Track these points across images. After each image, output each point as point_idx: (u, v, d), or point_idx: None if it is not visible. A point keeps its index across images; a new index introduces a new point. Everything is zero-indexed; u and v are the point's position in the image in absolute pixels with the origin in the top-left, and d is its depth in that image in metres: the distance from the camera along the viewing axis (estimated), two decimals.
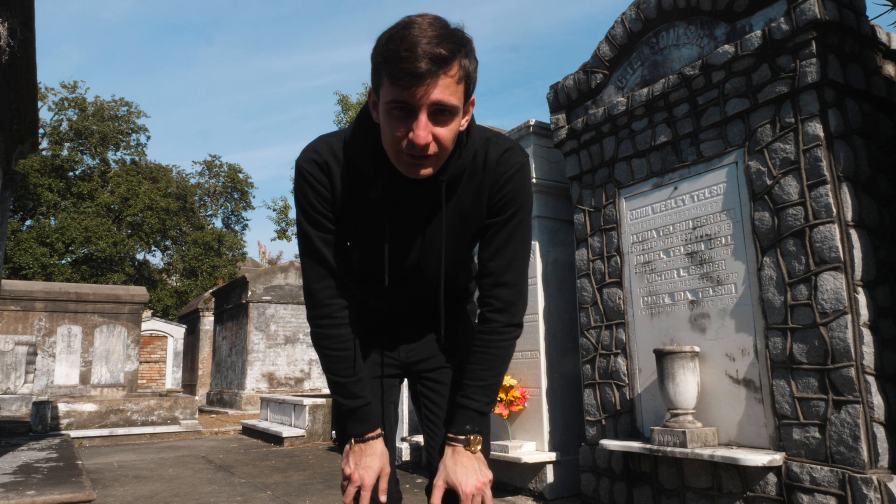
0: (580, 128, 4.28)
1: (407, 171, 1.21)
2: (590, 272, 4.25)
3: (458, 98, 1.16)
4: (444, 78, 1.12)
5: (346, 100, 21.94)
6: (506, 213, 1.34)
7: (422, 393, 1.55)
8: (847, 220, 2.98)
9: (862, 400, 2.81)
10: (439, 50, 1.10)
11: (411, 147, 1.16)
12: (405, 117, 1.15)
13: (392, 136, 1.17)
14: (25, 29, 4.43)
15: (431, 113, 1.14)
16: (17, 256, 20.97)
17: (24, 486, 4.21)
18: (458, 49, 1.14)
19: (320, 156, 1.31)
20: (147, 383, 18.45)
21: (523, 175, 1.35)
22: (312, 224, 1.34)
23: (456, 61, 1.13)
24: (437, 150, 1.18)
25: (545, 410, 4.37)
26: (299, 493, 4.69)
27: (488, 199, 1.34)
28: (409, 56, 1.09)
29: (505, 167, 1.32)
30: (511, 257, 1.37)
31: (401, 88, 1.11)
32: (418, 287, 1.44)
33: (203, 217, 28.70)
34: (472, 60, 1.18)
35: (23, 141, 6.22)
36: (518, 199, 1.34)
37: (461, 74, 1.15)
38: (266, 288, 13.87)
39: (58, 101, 25.07)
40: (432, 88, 1.11)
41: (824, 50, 3.06)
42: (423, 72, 1.09)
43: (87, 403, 8.58)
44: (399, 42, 1.11)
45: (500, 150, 1.33)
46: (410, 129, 1.15)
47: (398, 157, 1.20)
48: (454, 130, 1.19)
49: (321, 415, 7.92)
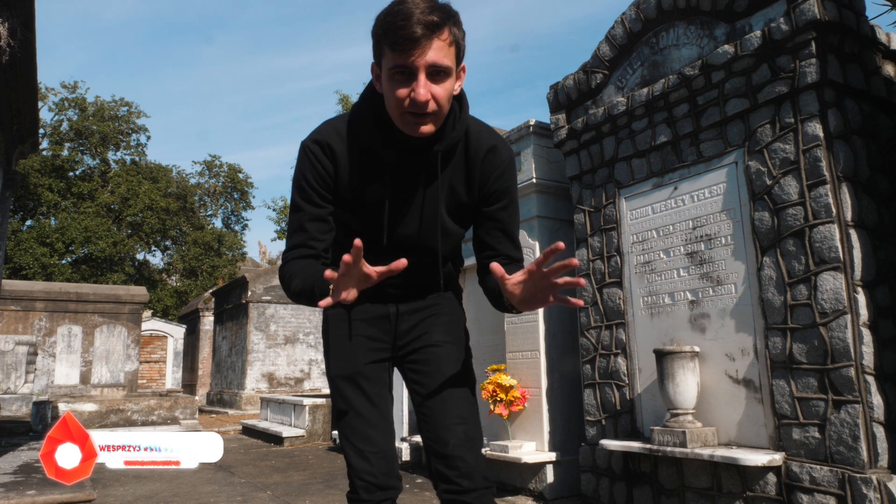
0: (580, 128, 4.29)
1: (410, 130, 1.36)
2: (590, 272, 4.26)
3: (450, 60, 1.33)
4: (437, 41, 1.29)
5: (347, 100, 21.94)
6: (503, 201, 1.55)
7: (412, 379, 1.59)
8: (847, 220, 2.98)
9: (861, 400, 2.81)
10: (431, 17, 1.27)
11: (413, 105, 1.31)
12: (406, 80, 1.31)
13: (395, 98, 1.33)
14: (25, 29, 4.44)
15: (429, 74, 1.30)
16: (18, 256, 20.97)
17: (24, 486, 4.21)
18: (448, 17, 1.32)
19: (323, 137, 1.46)
20: (147, 383, 18.46)
21: (513, 168, 1.57)
22: (304, 197, 1.47)
23: (446, 27, 1.31)
24: (435, 108, 1.34)
25: (545, 410, 4.38)
26: (299, 493, 4.69)
27: (480, 186, 1.52)
28: (405, 24, 1.26)
29: (499, 159, 1.51)
30: (513, 237, 1.59)
31: (400, 53, 1.28)
32: (414, 254, 1.50)
33: (203, 217, 28.71)
34: (461, 30, 1.36)
35: (23, 141, 6.23)
36: (510, 190, 1.56)
37: (452, 39, 1.32)
38: (266, 288, 13.88)
39: (58, 102, 25.08)
40: (428, 50, 1.28)
41: (824, 50, 3.07)
42: (419, 36, 1.26)
43: (88, 403, 8.58)
44: (396, 15, 1.28)
45: (492, 143, 1.51)
46: (412, 90, 1.30)
47: (402, 118, 1.35)
48: (449, 90, 1.35)
49: (321, 415, 7.92)
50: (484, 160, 1.49)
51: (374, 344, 1.58)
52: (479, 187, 1.51)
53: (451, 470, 1.44)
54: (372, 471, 1.47)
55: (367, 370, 1.55)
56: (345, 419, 1.54)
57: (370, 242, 1.48)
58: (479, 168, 1.49)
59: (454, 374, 1.56)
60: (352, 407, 1.53)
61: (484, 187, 1.51)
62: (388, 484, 1.48)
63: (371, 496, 1.47)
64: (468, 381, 1.59)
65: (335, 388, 1.58)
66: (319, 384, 13.90)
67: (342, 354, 1.58)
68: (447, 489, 1.45)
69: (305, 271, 1.42)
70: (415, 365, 1.59)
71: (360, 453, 1.49)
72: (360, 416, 1.52)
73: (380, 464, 1.48)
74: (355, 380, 1.55)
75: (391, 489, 1.49)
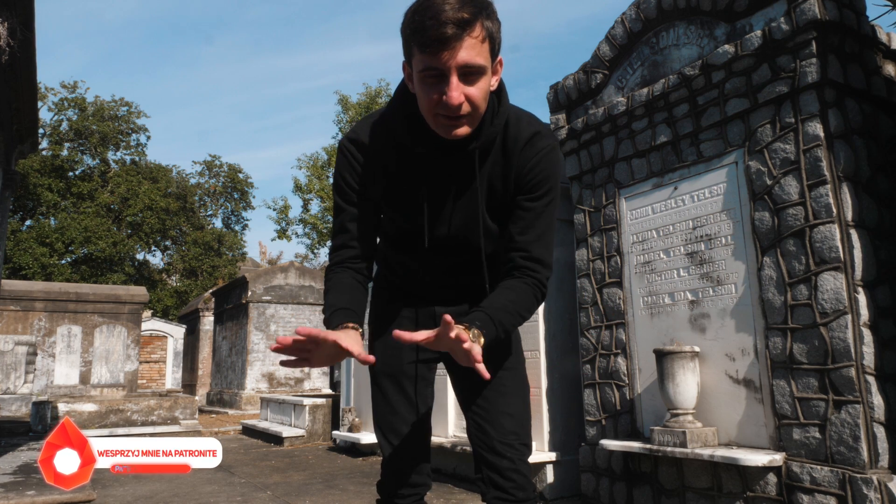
0: (580, 128, 4.28)
1: (445, 133, 1.29)
2: (590, 272, 4.25)
3: (484, 58, 1.23)
4: (468, 39, 1.19)
5: (347, 100, 21.91)
6: (537, 192, 1.41)
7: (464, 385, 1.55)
8: (847, 220, 2.98)
9: (862, 400, 2.81)
10: (462, 14, 1.17)
11: (446, 108, 1.24)
12: (438, 82, 1.23)
13: (428, 100, 1.25)
14: (25, 29, 4.43)
15: (461, 74, 1.22)
16: (17, 256, 20.97)
17: (24, 486, 4.21)
18: (480, 11, 1.21)
19: (359, 135, 1.42)
20: (147, 383, 18.45)
21: (553, 157, 1.42)
22: (343, 197, 1.45)
23: (478, 22, 1.20)
24: (469, 110, 1.25)
25: (545, 410, 4.37)
26: (299, 493, 4.69)
27: (517, 177, 1.40)
28: (434, 24, 1.17)
29: (535, 149, 1.39)
30: (541, 233, 1.43)
31: (430, 55, 1.20)
32: (456, 253, 1.49)
33: (203, 217, 28.70)
34: (495, 21, 1.26)
35: (23, 141, 6.22)
36: (548, 180, 1.41)
37: (485, 34, 1.22)
38: (266, 288, 13.87)
39: (58, 102, 25.07)
40: (459, 51, 1.19)
41: (824, 50, 3.06)
42: (449, 36, 1.17)
43: (87, 403, 8.57)
44: (424, 12, 1.19)
45: (531, 132, 1.40)
46: (444, 93, 1.22)
47: (436, 121, 1.28)
48: (484, 90, 1.27)
49: (321, 415, 7.92)
50: (523, 149, 1.39)
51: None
52: (515, 177, 1.40)
53: (506, 481, 1.45)
54: (402, 467, 1.50)
55: (408, 369, 1.56)
56: (382, 414, 1.57)
57: (411, 242, 1.48)
58: (517, 158, 1.39)
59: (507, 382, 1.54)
60: (389, 403, 1.55)
61: (521, 177, 1.40)
62: (418, 481, 1.52)
63: (401, 490, 1.50)
64: (522, 390, 1.57)
65: (376, 383, 1.59)
66: (319, 384, 13.89)
67: (385, 350, 1.58)
68: (499, 497, 1.45)
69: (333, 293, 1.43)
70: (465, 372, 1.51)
71: (394, 448, 1.53)
72: (396, 413, 1.54)
73: (412, 460, 1.51)
74: (397, 378, 1.56)
75: (421, 486, 1.53)
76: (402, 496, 1.50)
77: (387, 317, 1.61)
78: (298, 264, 15.51)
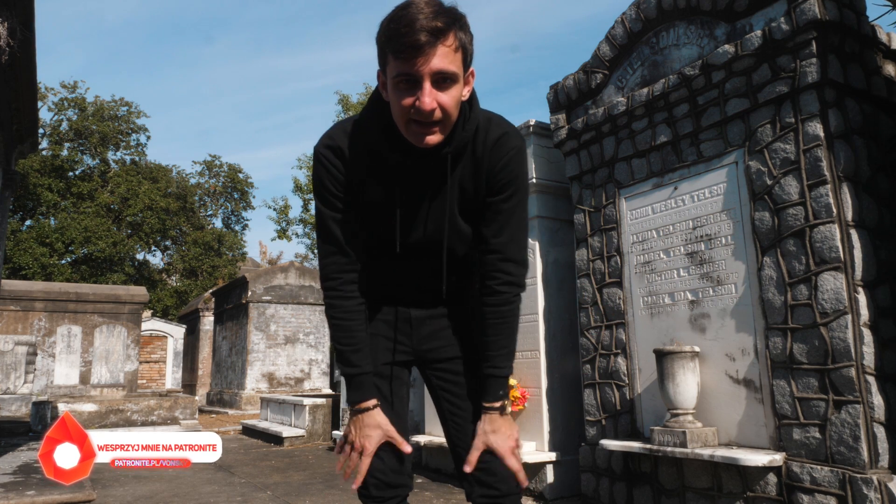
0: (580, 128, 4.28)
1: (416, 140, 1.32)
2: (590, 272, 4.25)
3: (457, 66, 1.27)
4: (442, 47, 1.23)
5: (347, 99, 21.91)
6: (505, 193, 1.45)
7: (439, 386, 1.61)
8: (847, 220, 2.98)
9: (862, 400, 2.81)
10: (436, 23, 1.21)
11: (419, 114, 1.27)
12: (411, 88, 1.26)
13: (401, 107, 1.28)
14: (25, 29, 4.43)
15: (434, 81, 1.25)
16: (17, 256, 20.96)
17: (24, 486, 4.21)
18: (453, 21, 1.25)
19: (334, 140, 1.43)
20: (147, 383, 18.44)
21: (520, 158, 1.46)
22: (326, 204, 1.46)
23: (452, 32, 1.25)
24: (441, 116, 1.29)
25: (545, 410, 4.37)
26: (299, 493, 4.68)
27: (487, 179, 1.44)
28: (408, 31, 1.21)
29: (503, 150, 1.43)
30: (513, 233, 1.48)
31: (404, 61, 1.24)
32: (429, 257, 1.51)
33: (203, 217, 28.69)
34: (468, 33, 1.30)
35: (23, 141, 6.22)
36: (516, 180, 1.45)
37: (458, 44, 1.27)
38: (266, 288, 13.87)
39: (57, 101, 25.05)
40: (432, 58, 1.23)
41: (824, 50, 3.06)
42: (423, 43, 1.21)
43: (87, 403, 8.57)
44: (399, 21, 1.23)
45: (499, 133, 1.43)
46: (417, 98, 1.26)
47: (408, 128, 1.31)
48: (456, 98, 1.30)
49: (321, 415, 7.92)
50: (492, 150, 1.42)
51: (393, 346, 1.60)
52: (486, 179, 1.44)
53: (489, 476, 1.48)
54: (382, 468, 1.48)
55: (383, 370, 1.57)
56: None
57: (384, 247, 1.49)
58: (486, 159, 1.43)
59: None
60: None
61: (491, 178, 1.44)
62: (399, 482, 1.51)
63: (381, 493, 1.49)
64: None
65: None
66: (319, 384, 13.90)
67: None
68: (485, 493, 1.49)
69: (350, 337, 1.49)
70: (441, 374, 1.61)
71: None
72: None
73: (391, 461, 1.50)
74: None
75: (401, 487, 1.51)
76: (383, 499, 1.49)
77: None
78: (298, 264, 15.51)
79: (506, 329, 1.49)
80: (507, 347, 1.50)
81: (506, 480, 1.47)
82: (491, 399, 1.48)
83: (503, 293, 1.48)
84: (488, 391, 1.49)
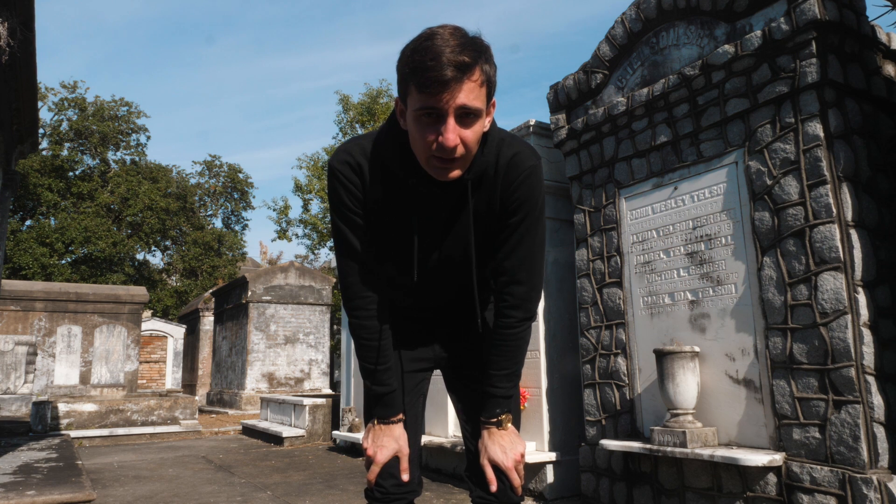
0: (580, 128, 4.28)
1: (437, 175, 1.29)
2: (590, 272, 4.25)
3: (481, 101, 1.24)
4: (468, 83, 1.20)
5: (348, 100, 21.88)
6: (518, 215, 1.41)
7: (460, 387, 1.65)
8: (847, 220, 2.98)
9: (862, 400, 2.81)
10: (462, 57, 1.18)
11: (441, 150, 1.23)
12: (434, 122, 1.23)
13: (423, 141, 1.25)
14: (25, 29, 4.43)
15: (458, 116, 1.22)
16: (17, 256, 20.95)
17: (24, 486, 4.21)
18: (479, 55, 1.22)
19: (353, 157, 1.39)
20: (147, 383, 18.44)
21: (534, 178, 1.41)
22: (345, 222, 1.43)
23: (478, 67, 1.21)
24: (463, 152, 1.26)
25: (545, 410, 4.37)
26: (299, 493, 4.68)
27: (501, 200, 1.41)
28: (434, 65, 1.17)
29: (517, 171, 1.39)
30: (524, 255, 1.44)
31: (429, 95, 1.19)
32: (446, 283, 1.52)
33: (203, 217, 28.69)
34: (492, 65, 1.27)
35: (23, 141, 6.22)
36: (530, 201, 1.41)
37: (483, 79, 1.23)
38: (266, 288, 13.87)
39: (58, 102, 25.03)
40: (458, 93, 1.19)
41: (824, 50, 3.06)
42: (449, 79, 1.17)
43: (87, 403, 8.58)
44: (424, 52, 1.18)
45: (512, 153, 1.39)
46: (440, 133, 1.22)
47: (428, 163, 1.28)
48: (478, 132, 1.27)
49: (321, 415, 7.92)
50: (507, 171, 1.39)
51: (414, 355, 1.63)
52: (500, 199, 1.41)
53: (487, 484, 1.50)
54: (393, 472, 1.50)
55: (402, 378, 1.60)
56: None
57: (401, 271, 1.49)
58: (501, 180, 1.39)
59: None
60: None
61: (505, 198, 1.41)
62: (406, 489, 1.52)
63: (389, 496, 1.50)
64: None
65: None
66: (319, 384, 13.89)
67: None
68: (481, 496, 1.53)
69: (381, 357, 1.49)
70: (459, 381, 1.64)
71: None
72: None
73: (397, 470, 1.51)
74: None
75: (410, 492, 1.53)
76: (391, 501, 1.50)
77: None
78: (298, 264, 15.50)
79: (508, 352, 1.49)
80: (508, 369, 1.49)
81: (504, 492, 1.50)
82: (487, 416, 1.51)
83: (509, 317, 1.46)
84: (486, 408, 1.51)
